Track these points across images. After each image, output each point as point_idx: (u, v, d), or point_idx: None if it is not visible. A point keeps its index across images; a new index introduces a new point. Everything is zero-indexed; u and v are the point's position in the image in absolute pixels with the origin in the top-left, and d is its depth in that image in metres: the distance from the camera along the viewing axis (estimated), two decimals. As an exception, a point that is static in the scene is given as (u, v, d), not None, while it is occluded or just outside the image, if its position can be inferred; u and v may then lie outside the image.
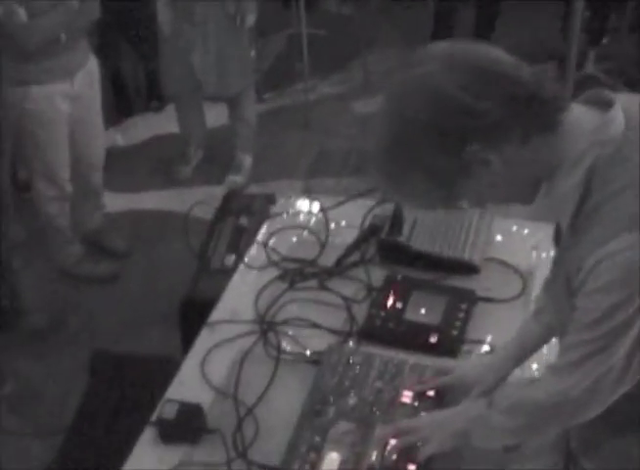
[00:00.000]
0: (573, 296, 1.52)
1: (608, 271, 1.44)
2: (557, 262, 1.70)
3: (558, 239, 1.70)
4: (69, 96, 3.76)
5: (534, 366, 2.04)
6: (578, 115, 1.51)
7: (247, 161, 4.95)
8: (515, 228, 2.61)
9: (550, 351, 1.95)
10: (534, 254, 2.47)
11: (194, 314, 2.47)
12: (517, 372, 1.97)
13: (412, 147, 1.47)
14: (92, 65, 3.89)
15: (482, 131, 1.43)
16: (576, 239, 1.52)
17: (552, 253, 1.78)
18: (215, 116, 5.11)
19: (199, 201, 2.92)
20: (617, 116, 1.50)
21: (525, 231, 2.59)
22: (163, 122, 5.35)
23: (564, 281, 1.57)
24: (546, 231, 2.19)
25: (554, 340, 1.91)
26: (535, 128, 1.46)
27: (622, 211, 1.44)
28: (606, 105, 1.52)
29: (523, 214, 2.53)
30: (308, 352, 2.17)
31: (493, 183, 1.51)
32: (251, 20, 4.49)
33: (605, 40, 6.02)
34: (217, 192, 3.35)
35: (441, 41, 1.53)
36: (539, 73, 1.48)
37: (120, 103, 5.16)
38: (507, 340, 1.99)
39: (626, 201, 1.44)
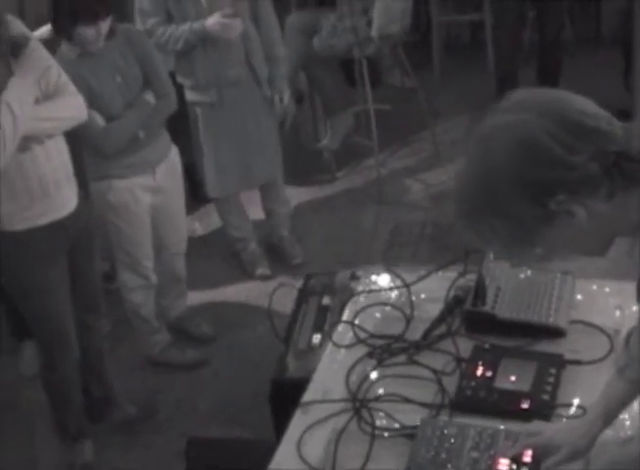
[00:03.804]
0: None
1: None
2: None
3: None
4: (151, 188, 3.87)
5: (627, 424, 2.03)
6: None
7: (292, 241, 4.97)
8: (595, 288, 2.61)
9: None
10: (619, 312, 2.47)
11: (284, 396, 2.51)
12: (609, 432, 1.97)
13: (497, 194, 1.47)
14: (173, 155, 4.00)
15: (571, 184, 1.44)
16: None
17: (635, 309, 1.79)
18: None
19: (281, 284, 2.98)
20: None
21: (607, 290, 2.59)
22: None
23: None
24: (629, 289, 2.18)
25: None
26: (622, 184, 1.46)
27: None
28: None
29: (602, 273, 2.55)
30: (403, 428, 2.19)
31: (574, 234, 1.51)
32: (287, 97, 4.55)
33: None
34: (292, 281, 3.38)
35: (529, 89, 1.55)
36: (630, 129, 1.49)
37: (196, 190, 5.26)
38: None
39: None
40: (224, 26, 4.15)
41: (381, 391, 2.32)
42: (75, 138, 3.41)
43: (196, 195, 5.19)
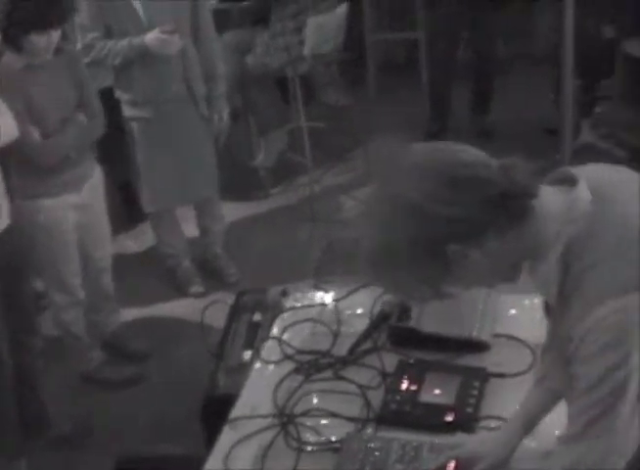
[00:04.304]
0: (569, 364, 1.59)
1: (598, 337, 1.51)
2: (550, 334, 1.78)
3: (548, 311, 1.78)
4: (78, 205, 3.88)
5: (550, 435, 2.08)
6: (547, 197, 1.59)
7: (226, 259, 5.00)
8: (526, 302, 2.66)
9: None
10: (541, 325, 2.51)
11: (214, 412, 2.51)
12: (532, 444, 2.02)
13: (396, 255, 1.55)
14: (97, 174, 4.02)
15: (460, 234, 1.52)
16: (563, 311, 1.60)
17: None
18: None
19: (214, 301, 3.01)
20: (583, 191, 1.59)
21: (527, 303, 2.65)
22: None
23: (558, 352, 1.65)
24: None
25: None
26: (509, 221, 1.55)
27: (603, 281, 1.52)
28: (571, 182, 1.61)
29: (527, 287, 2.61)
30: (328, 442, 2.22)
31: (476, 272, 1.59)
32: (226, 115, 4.58)
33: (598, 108, 6.14)
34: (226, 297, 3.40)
35: (411, 147, 1.63)
36: (509, 167, 1.55)
37: (131, 209, 5.25)
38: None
39: (603, 271, 1.53)
40: (163, 42, 4.16)
41: (307, 406, 2.35)
42: (5, 157, 3.41)
43: (130, 214, 5.19)
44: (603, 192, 1.60)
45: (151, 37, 4.15)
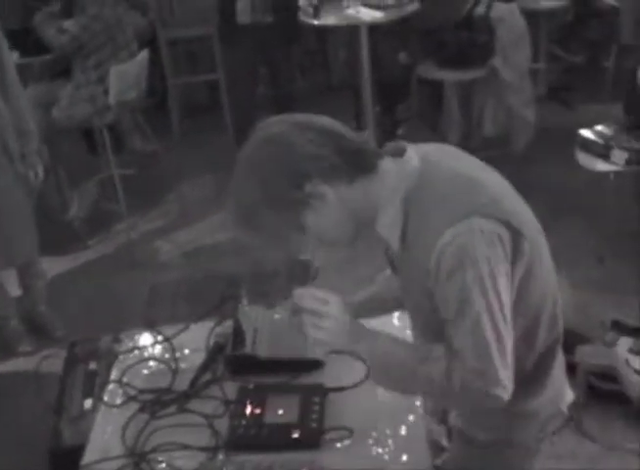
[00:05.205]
0: (433, 297, 1.92)
1: (449, 259, 1.83)
2: (401, 280, 2.12)
3: (393, 265, 2.13)
4: None
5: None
6: (387, 162, 2.00)
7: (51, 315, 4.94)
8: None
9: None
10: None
11: (65, 465, 2.50)
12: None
13: (267, 186, 1.92)
14: None
15: (321, 170, 1.90)
16: (410, 254, 1.94)
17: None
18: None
19: (46, 355, 3.01)
20: (412, 154, 1.98)
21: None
22: None
23: (417, 290, 1.97)
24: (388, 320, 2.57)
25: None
26: (360, 171, 1.95)
27: (439, 218, 1.86)
28: (402, 151, 1.97)
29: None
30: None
31: (329, 217, 1.93)
32: (41, 171, 4.50)
33: (400, 131, 6.43)
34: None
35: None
36: (362, 135, 2.01)
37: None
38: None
39: (437, 211, 1.88)
40: None
41: (157, 442, 2.37)
42: None
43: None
44: (427, 155, 2.00)
45: None
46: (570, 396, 2.31)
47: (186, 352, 2.75)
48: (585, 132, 4.98)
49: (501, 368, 1.87)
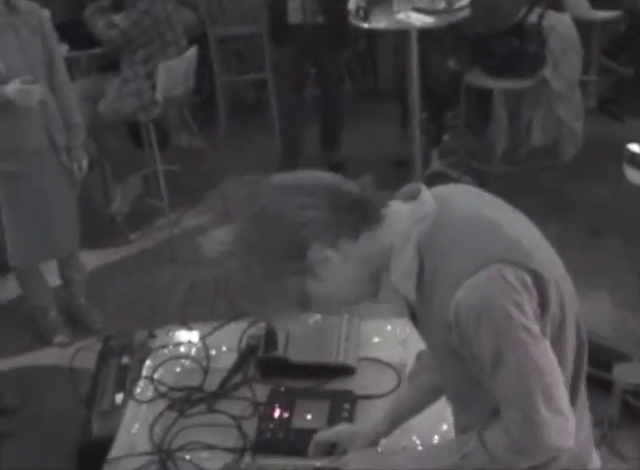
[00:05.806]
0: (462, 347, 1.71)
1: (468, 317, 1.65)
2: (421, 334, 1.94)
3: (413, 315, 1.91)
4: None
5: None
6: (396, 207, 1.83)
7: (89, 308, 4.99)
8: (388, 327, 2.79)
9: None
10: (403, 347, 2.64)
11: (90, 458, 2.51)
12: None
13: (268, 262, 1.76)
14: None
15: (317, 235, 1.72)
16: (428, 305, 1.76)
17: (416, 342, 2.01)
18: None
19: (80, 348, 3.02)
20: (426, 196, 1.81)
21: (389, 328, 2.78)
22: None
23: (441, 346, 1.79)
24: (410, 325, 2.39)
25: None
26: (363, 224, 1.77)
27: (455, 266, 1.69)
28: (416, 194, 1.82)
29: (387, 313, 2.73)
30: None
31: (339, 278, 1.78)
32: (86, 164, 4.55)
33: (445, 138, 6.39)
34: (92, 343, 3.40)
35: (281, 174, 1.83)
36: (361, 182, 1.80)
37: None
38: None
39: (453, 258, 1.70)
40: (25, 93, 4.11)
41: (184, 440, 2.38)
42: None
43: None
44: (443, 196, 1.83)
45: (12, 88, 4.08)
46: (597, 461, 2.02)
47: (220, 350, 2.75)
48: (634, 147, 4.91)
49: (549, 415, 1.70)
